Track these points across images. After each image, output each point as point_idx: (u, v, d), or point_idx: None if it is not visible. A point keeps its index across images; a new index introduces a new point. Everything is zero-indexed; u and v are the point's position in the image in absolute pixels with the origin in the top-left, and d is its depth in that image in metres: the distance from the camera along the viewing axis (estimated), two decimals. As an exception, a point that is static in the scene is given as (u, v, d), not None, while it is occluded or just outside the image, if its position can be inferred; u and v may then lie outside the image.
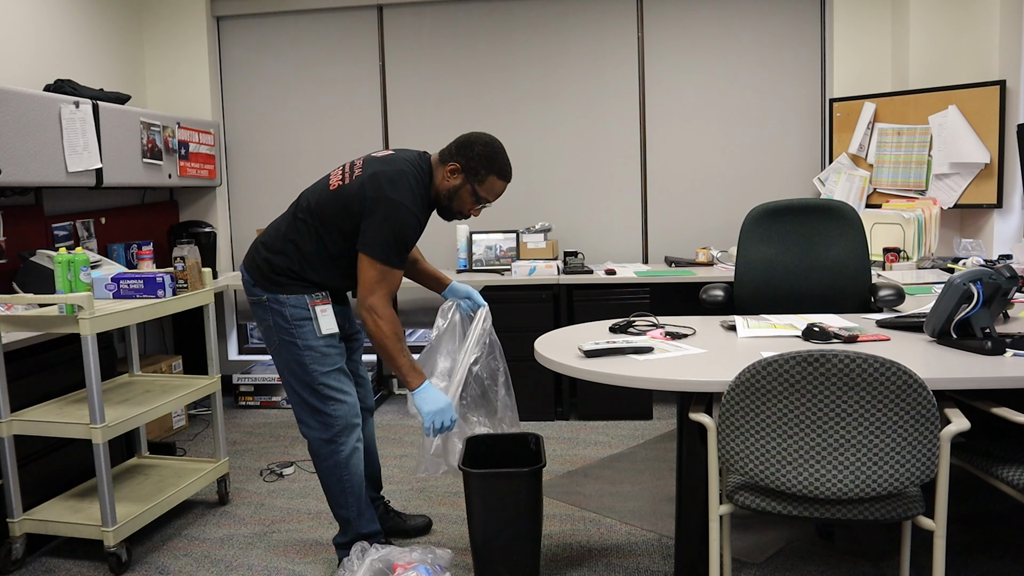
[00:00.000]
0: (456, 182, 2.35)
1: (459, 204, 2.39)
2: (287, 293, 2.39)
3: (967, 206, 3.83)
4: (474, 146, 2.33)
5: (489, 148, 2.34)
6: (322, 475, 2.47)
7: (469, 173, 2.33)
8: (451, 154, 2.35)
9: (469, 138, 2.36)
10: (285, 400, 4.49)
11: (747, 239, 3.00)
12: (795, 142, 4.50)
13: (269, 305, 2.40)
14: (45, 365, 2.88)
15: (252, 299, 2.46)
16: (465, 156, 2.33)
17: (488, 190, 2.37)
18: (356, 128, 4.77)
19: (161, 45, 4.66)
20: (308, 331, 2.38)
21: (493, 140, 2.38)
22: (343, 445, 2.41)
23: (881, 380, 1.68)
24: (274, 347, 2.45)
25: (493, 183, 2.36)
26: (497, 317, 2.66)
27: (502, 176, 2.37)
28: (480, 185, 2.35)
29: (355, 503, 2.46)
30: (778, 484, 1.80)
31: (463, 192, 2.36)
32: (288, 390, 2.48)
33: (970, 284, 2.05)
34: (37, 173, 3.13)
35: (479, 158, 2.32)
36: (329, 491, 2.47)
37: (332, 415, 2.40)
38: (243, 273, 2.50)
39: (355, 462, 2.44)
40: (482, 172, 2.33)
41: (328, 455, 2.42)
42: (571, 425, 4.03)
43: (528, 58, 4.62)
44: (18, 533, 2.63)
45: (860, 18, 4.29)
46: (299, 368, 2.40)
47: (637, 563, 2.56)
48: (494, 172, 2.35)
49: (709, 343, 2.29)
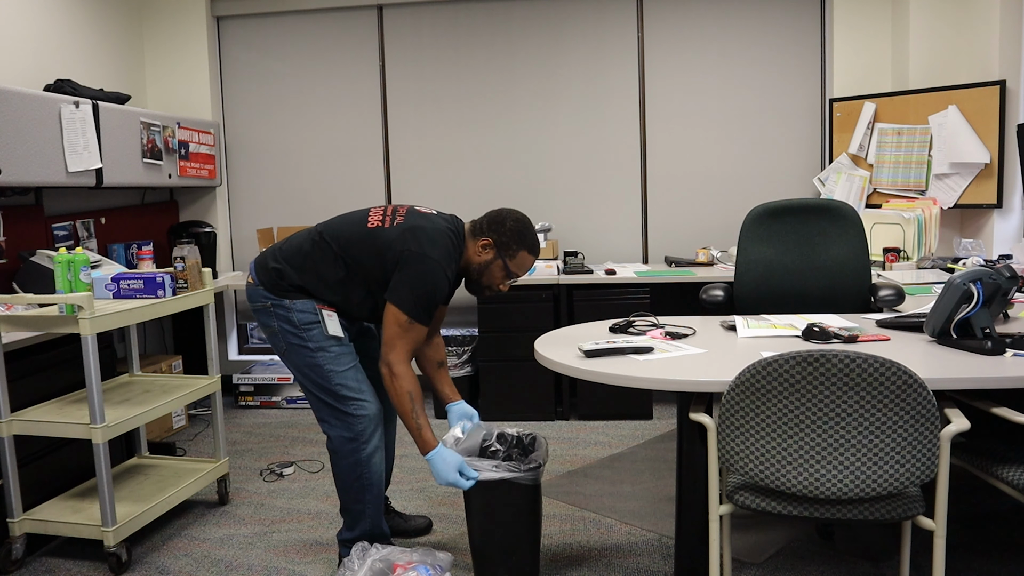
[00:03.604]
0: (488, 257, 2.38)
1: (488, 279, 2.42)
2: (293, 299, 2.39)
3: (967, 206, 3.83)
4: (505, 222, 2.37)
5: (520, 224, 2.38)
6: (340, 471, 2.44)
7: (501, 248, 2.36)
8: (482, 229, 2.38)
9: (500, 213, 2.40)
10: (285, 400, 4.49)
11: (747, 239, 3.00)
12: (795, 142, 4.50)
13: (274, 311, 2.40)
14: (45, 365, 2.88)
15: (257, 304, 2.44)
16: (497, 232, 2.36)
17: (519, 265, 2.39)
18: (356, 128, 4.77)
19: (161, 45, 4.66)
20: (317, 333, 2.38)
21: (523, 216, 2.42)
22: (366, 444, 2.39)
23: (881, 380, 1.68)
24: (283, 351, 2.44)
25: (524, 258, 2.39)
26: (497, 317, 2.71)
27: (532, 251, 2.40)
28: (511, 260, 2.37)
29: (372, 500, 2.44)
30: (778, 484, 1.80)
31: (494, 267, 2.39)
32: (305, 392, 2.46)
33: (970, 284, 2.05)
34: (37, 173, 3.13)
35: (511, 233, 2.36)
36: (345, 487, 2.44)
37: (354, 415, 2.38)
38: (251, 275, 2.48)
39: (376, 461, 2.42)
40: (513, 247, 2.36)
41: (349, 453, 2.40)
42: (571, 425, 4.03)
43: (528, 58, 4.62)
44: (18, 533, 2.63)
45: (860, 18, 4.29)
46: (313, 371, 2.39)
47: (637, 563, 2.56)
48: (525, 247, 2.38)
49: (709, 343, 2.29)
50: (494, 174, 4.66)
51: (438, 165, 4.72)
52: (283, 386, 4.48)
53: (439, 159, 4.72)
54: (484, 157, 4.68)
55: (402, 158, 4.76)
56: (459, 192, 4.70)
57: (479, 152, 4.68)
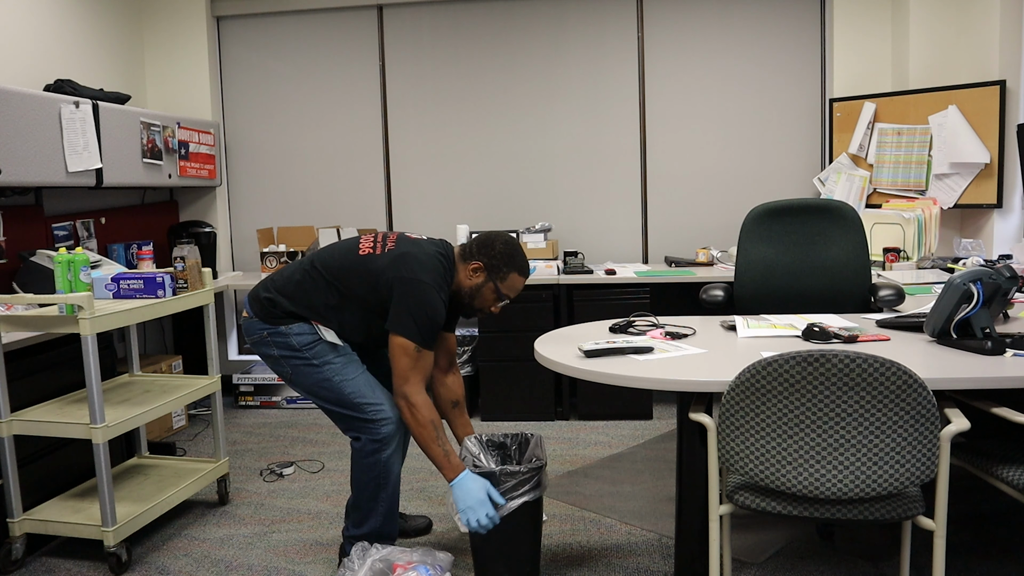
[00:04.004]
0: (479, 280, 2.40)
1: (480, 302, 2.44)
2: (289, 324, 2.40)
3: (967, 206, 3.83)
4: (495, 245, 2.40)
5: (509, 247, 2.41)
6: (359, 469, 2.44)
7: (491, 271, 2.39)
8: (472, 253, 2.41)
9: (489, 236, 2.43)
10: (285, 400, 4.49)
11: (747, 239, 3.00)
12: (795, 142, 4.50)
13: (271, 339, 2.41)
14: (45, 365, 2.88)
15: (255, 338, 2.46)
16: (487, 255, 2.39)
17: (510, 287, 2.42)
18: (356, 128, 4.77)
19: (161, 45, 4.66)
20: (320, 349, 2.39)
21: (512, 238, 2.45)
22: (388, 447, 2.39)
23: (881, 380, 1.68)
24: (289, 376, 2.45)
25: (514, 280, 2.41)
26: (497, 317, 2.68)
27: (522, 273, 2.43)
28: (502, 283, 2.40)
29: (386, 499, 2.44)
30: (778, 484, 1.80)
31: (485, 290, 2.41)
32: (325, 411, 2.46)
33: (970, 284, 2.05)
34: (37, 173, 3.13)
35: (501, 256, 2.38)
36: (361, 484, 2.44)
37: (375, 419, 2.37)
38: (246, 307, 2.50)
39: (395, 461, 2.43)
40: (504, 270, 2.39)
41: (371, 452, 2.39)
42: (571, 425, 4.03)
43: (528, 58, 4.62)
44: (18, 533, 2.63)
45: (860, 18, 4.29)
46: (324, 387, 2.39)
47: (637, 563, 2.56)
48: (515, 269, 2.40)
49: (709, 343, 2.29)
50: (494, 174, 4.66)
51: (438, 165, 4.72)
52: (283, 386, 4.48)
53: (439, 159, 4.72)
54: (484, 157, 4.68)
55: (402, 158, 4.76)
56: (459, 192, 4.69)
57: (479, 152, 4.68)
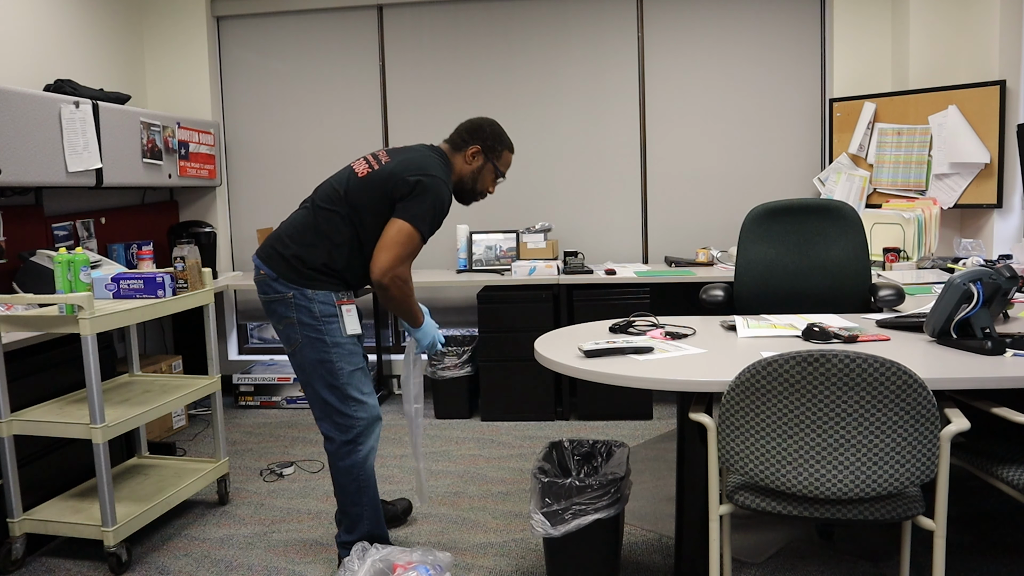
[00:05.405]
0: (479, 163, 2.56)
1: (482, 184, 2.59)
2: (315, 289, 2.38)
3: (967, 206, 3.83)
4: (483, 128, 2.56)
5: (495, 127, 2.59)
6: (337, 474, 2.46)
7: (488, 152, 2.56)
8: (465, 140, 2.56)
9: (475, 122, 2.59)
10: (285, 400, 4.49)
11: (747, 239, 3.00)
12: (795, 142, 4.50)
13: (295, 301, 2.39)
14: (45, 365, 2.88)
15: (274, 296, 2.41)
16: (481, 138, 2.55)
17: (504, 164, 2.61)
18: (356, 128, 4.77)
19: (161, 45, 4.66)
20: (335, 328, 2.40)
21: (493, 120, 2.62)
22: (362, 446, 2.43)
23: (881, 380, 1.68)
24: (296, 345, 2.42)
25: (507, 156, 2.62)
26: (497, 317, 2.71)
27: (511, 149, 2.63)
28: (499, 161, 2.59)
29: (369, 502, 2.47)
30: (778, 484, 1.80)
31: (485, 171, 2.57)
32: (309, 391, 2.45)
33: (970, 284, 2.05)
34: (37, 173, 3.13)
35: (493, 136, 2.56)
36: (343, 489, 2.47)
37: (353, 416, 2.41)
38: (262, 268, 2.45)
39: (371, 462, 2.46)
40: (498, 148, 2.58)
41: (346, 454, 2.43)
42: (571, 425, 4.03)
43: (528, 58, 4.62)
44: (18, 533, 2.63)
45: (860, 18, 4.29)
46: (323, 367, 2.39)
47: (637, 563, 2.56)
48: (507, 147, 2.61)
49: (709, 343, 2.29)
50: (494, 174, 4.65)
51: (438, 165, 4.72)
52: (283, 386, 4.48)
53: (439, 159, 4.72)
54: (484, 157, 4.67)
55: (402, 158, 4.76)
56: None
57: (479, 152, 4.68)
